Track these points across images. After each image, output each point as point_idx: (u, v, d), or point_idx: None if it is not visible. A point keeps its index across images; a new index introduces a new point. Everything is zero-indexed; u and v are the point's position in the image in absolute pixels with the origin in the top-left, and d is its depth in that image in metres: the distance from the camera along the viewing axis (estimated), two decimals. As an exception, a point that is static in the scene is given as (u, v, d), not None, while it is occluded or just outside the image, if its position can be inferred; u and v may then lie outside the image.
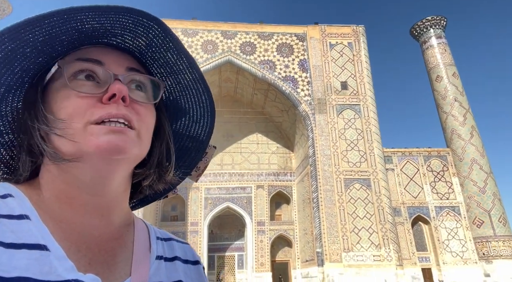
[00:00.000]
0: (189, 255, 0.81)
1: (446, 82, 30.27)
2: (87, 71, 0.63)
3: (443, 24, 32.76)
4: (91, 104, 0.61)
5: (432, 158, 28.19)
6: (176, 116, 0.80)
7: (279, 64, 27.91)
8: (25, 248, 0.53)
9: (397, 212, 25.86)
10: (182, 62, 0.71)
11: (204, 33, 28.15)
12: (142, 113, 0.66)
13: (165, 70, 0.74)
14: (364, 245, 22.93)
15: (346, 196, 24.17)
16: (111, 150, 0.60)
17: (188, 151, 0.83)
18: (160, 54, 0.70)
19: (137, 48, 0.69)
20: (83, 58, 0.64)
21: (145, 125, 0.66)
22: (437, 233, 25.82)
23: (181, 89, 0.76)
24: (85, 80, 0.63)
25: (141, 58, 0.72)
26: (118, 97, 0.61)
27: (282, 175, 30.92)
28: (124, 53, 0.69)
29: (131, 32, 0.66)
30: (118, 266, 0.66)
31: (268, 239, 28.68)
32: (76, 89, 0.61)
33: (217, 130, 31.66)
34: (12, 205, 0.58)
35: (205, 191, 29.50)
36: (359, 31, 29.66)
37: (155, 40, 0.67)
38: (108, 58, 0.66)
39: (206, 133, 0.82)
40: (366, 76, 28.01)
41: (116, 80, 0.63)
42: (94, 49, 0.66)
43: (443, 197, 26.88)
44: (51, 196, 0.64)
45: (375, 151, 25.55)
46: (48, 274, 0.53)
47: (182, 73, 0.73)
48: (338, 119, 26.49)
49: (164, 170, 0.75)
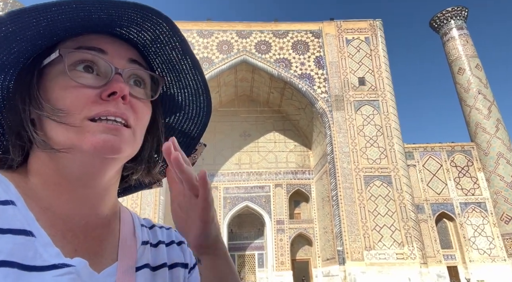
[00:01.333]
0: (173, 237, 0.82)
1: (469, 74, 29.31)
2: (88, 62, 0.62)
3: (464, 15, 31.73)
4: (90, 99, 0.60)
5: (456, 153, 27.35)
6: (171, 111, 0.80)
7: (294, 62, 27.75)
8: (10, 233, 0.53)
9: (420, 209, 25.24)
10: (186, 63, 0.71)
11: (219, 33, 28.32)
12: (139, 111, 0.65)
13: (166, 67, 0.73)
14: (387, 243, 22.50)
15: (366, 193, 23.77)
16: (106, 149, 0.59)
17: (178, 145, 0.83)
18: (164, 51, 0.69)
19: (142, 42, 0.68)
20: (85, 46, 0.63)
21: (141, 124, 0.66)
22: (463, 230, 25.03)
23: (181, 87, 0.76)
24: (84, 72, 0.62)
25: (144, 51, 0.71)
26: (119, 96, 0.61)
27: (301, 173, 30.74)
28: (127, 43, 0.68)
29: (138, 26, 0.65)
30: (105, 253, 0.66)
31: (288, 238, 28.58)
32: (76, 80, 0.60)
33: (234, 130, 31.84)
34: None
35: (223, 191, 29.70)
36: (376, 25, 29.11)
37: (161, 37, 0.67)
38: (110, 48, 0.65)
39: (198, 130, 0.82)
40: (384, 71, 27.48)
41: (117, 76, 0.62)
42: (97, 37, 0.65)
43: (468, 192, 26.04)
44: (39, 183, 0.63)
45: (395, 147, 25.02)
46: (33, 259, 0.53)
47: (184, 73, 0.73)
48: (356, 115, 26.09)
49: (153, 164, 0.76)
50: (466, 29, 31.40)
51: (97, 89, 0.60)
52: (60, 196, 0.63)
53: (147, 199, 23.39)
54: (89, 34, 0.65)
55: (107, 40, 0.65)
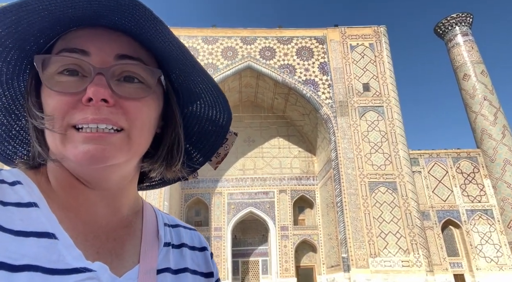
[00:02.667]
0: (196, 242, 0.80)
1: (474, 80, 29.19)
2: (71, 65, 0.59)
3: (469, 21, 31.70)
4: (72, 105, 0.57)
5: (462, 160, 27.13)
6: (191, 99, 0.75)
7: (299, 68, 27.83)
8: (34, 236, 0.53)
9: (425, 216, 25.00)
10: (175, 50, 0.63)
11: (224, 40, 28.52)
12: (132, 110, 0.60)
13: (162, 54, 0.66)
14: (392, 250, 22.26)
15: (371, 199, 23.60)
16: (87, 160, 0.56)
17: (208, 134, 0.79)
18: (152, 38, 0.62)
19: (128, 30, 0.62)
20: (67, 48, 0.59)
21: (139, 122, 0.61)
22: (469, 237, 24.72)
23: (185, 76, 0.69)
24: (68, 76, 0.58)
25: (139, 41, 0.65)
26: (96, 101, 0.56)
27: (305, 179, 30.63)
28: (120, 35, 0.62)
29: (115, 13, 0.58)
30: (126, 255, 0.65)
31: (292, 244, 28.38)
32: (52, 88, 0.57)
33: (238, 136, 31.77)
34: (21, 192, 0.57)
35: (228, 196, 29.64)
36: (381, 31, 29.17)
37: (142, 21, 0.59)
38: (94, 46, 0.60)
39: (225, 118, 0.77)
40: (389, 77, 27.45)
41: (96, 77, 0.57)
42: (82, 33, 0.61)
43: (475, 199, 25.76)
44: (56, 184, 0.63)
45: (400, 153, 24.88)
46: (57, 262, 0.53)
47: (183, 63, 0.66)
48: (360, 121, 26.03)
49: (173, 160, 0.71)
50: (471, 35, 31.34)
51: (78, 95, 0.57)
52: (77, 198, 0.63)
53: (151, 203, 23.36)
54: (77, 30, 0.61)
55: (94, 36, 0.61)
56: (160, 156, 0.70)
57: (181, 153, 0.72)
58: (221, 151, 0.82)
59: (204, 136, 0.80)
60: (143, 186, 0.83)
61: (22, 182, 0.59)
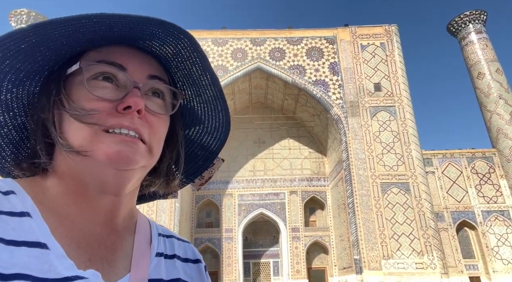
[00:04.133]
0: (190, 254, 0.80)
1: (489, 79, 28.60)
2: (108, 74, 0.64)
3: (483, 19, 31.10)
4: (106, 110, 0.61)
5: (477, 160, 26.58)
6: (191, 124, 0.80)
7: (309, 68, 27.71)
8: (25, 246, 0.53)
9: (439, 217, 24.56)
10: (205, 79, 0.71)
11: (234, 41, 28.61)
12: (155, 125, 0.65)
13: (187, 81, 0.74)
14: (405, 252, 21.93)
15: (383, 200, 23.31)
16: (120, 160, 0.59)
17: (196, 158, 0.83)
18: (185, 66, 0.70)
19: (163, 55, 0.69)
20: (107, 60, 0.64)
21: (157, 138, 0.66)
22: (485, 239, 24.17)
23: (200, 102, 0.76)
24: (104, 82, 0.63)
25: (166, 64, 0.72)
26: (134, 110, 0.61)
27: (316, 180, 30.44)
28: (148, 57, 0.69)
29: (160, 40, 0.66)
30: (118, 262, 0.65)
31: (303, 246, 28.22)
32: (93, 93, 0.61)
33: (248, 137, 31.91)
34: (14, 202, 0.58)
35: (238, 197, 29.67)
36: (392, 30, 28.84)
37: (183, 51, 0.67)
38: (131, 63, 0.66)
39: (217, 145, 0.82)
40: (400, 77, 27.11)
41: (134, 90, 0.62)
42: (118, 50, 0.66)
43: (491, 200, 25.19)
44: (59, 191, 0.64)
45: (413, 154, 24.51)
46: (48, 272, 0.53)
47: (204, 88, 0.73)
48: (372, 122, 25.75)
49: (171, 177, 0.75)
50: (485, 33, 30.74)
51: (114, 102, 0.61)
52: (79, 205, 0.64)
53: (162, 206, 23.61)
54: (111, 46, 0.66)
55: (128, 54, 0.66)
56: (161, 172, 0.74)
57: (180, 170, 0.76)
58: (205, 174, 0.86)
59: (191, 160, 0.83)
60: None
61: (15, 192, 0.60)
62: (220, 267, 27.65)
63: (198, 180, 0.86)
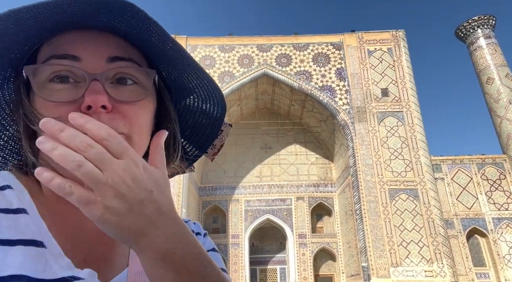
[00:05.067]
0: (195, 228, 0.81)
1: (499, 84, 28.28)
2: (63, 72, 0.58)
3: (491, 24, 30.86)
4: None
5: (487, 166, 26.17)
6: (183, 94, 0.75)
7: (315, 74, 27.70)
8: (21, 244, 0.52)
9: (449, 224, 24.16)
10: (169, 48, 0.62)
11: (240, 48, 28.78)
12: (130, 114, 0.60)
13: (156, 54, 0.65)
14: (414, 260, 21.58)
15: (391, 207, 23.02)
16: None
17: (203, 126, 0.80)
18: (144, 36, 0.60)
19: (117, 31, 0.61)
20: (57, 54, 0.58)
21: (137, 126, 0.61)
22: (497, 246, 23.68)
23: (178, 72, 0.69)
24: (60, 84, 0.57)
25: (132, 40, 0.63)
26: (96, 109, 0.55)
27: (323, 186, 30.24)
28: (107, 36, 0.61)
29: (103, 14, 0.57)
30: (115, 258, 0.65)
31: (310, 252, 27.96)
32: (49, 99, 0.56)
33: (255, 143, 31.90)
34: (10, 197, 0.56)
35: (245, 203, 29.58)
36: (399, 36, 28.74)
37: (133, 21, 0.58)
38: (85, 50, 0.59)
39: (219, 110, 0.77)
40: (408, 82, 26.93)
41: (92, 83, 0.56)
42: (70, 37, 0.60)
43: (502, 207, 24.73)
44: (48, 189, 0.61)
45: (421, 159, 24.23)
46: (43, 272, 0.52)
47: (176, 61, 0.65)
48: (379, 127, 25.56)
49: (171, 157, 0.71)
50: (494, 38, 30.48)
51: (75, 103, 0.56)
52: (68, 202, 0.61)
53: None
54: (64, 34, 0.60)
55: (82, 39, 0.60)
56: None
57: (178, 149, 0.72)
58: (216, 143, 0.82)
59: (198, 130, 0.80)
60: None
61: (12, 186, 0.58)
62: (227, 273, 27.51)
63: (211, 150, 0.84)
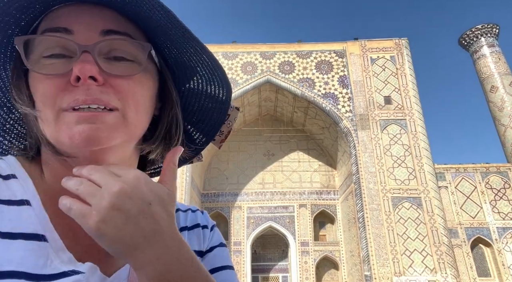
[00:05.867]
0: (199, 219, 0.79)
1: (503, 92, 28.17)
2: (56, 48, 0.56)
3: (495, 32, 30.86)
4: (61, 87, 0.54)
5: (491, 174, 25.92)
6: (186, 74, 0.71)
7: (318, 81, 27.78)
8: (22, 238, 0.51)
9: (453, 233, 23.88)
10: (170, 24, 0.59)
11: (244, 55, 28.97)
12: (124, 89, 0.57)
13: (156, 29, 0.62)
14: (418, 269, 21.31)
15: (394, 215, 22.83)
16: (84, 141, 0.53)
17: (209, 111, 0.76)
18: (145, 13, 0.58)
19: (112, 3, 0.58)
20: (50, 27, 0.56)
21: (132, 102, 0.58)
22: (501, 257, 23.33)
23: (177, 48, 0.65)
24: (53, 59, 0.55)
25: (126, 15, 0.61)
26: (84, 80, 0.53)
27: (325, 193, 30.09)
28: (102, 9, 0.58)
29: None
30: None
31: (313, 260, 27.71)
32: (40, 71, 0.54)
33: (258, 149, 31.88)
34: (14, 188, 0.55)
35: (247, 210, 29.47)
36: (402, 44, 28.81)
37: None
38: (78, 22, 0.57)
39: (225, 93, 0.73)
40: (411, 90, 26.91)
41: (84, 55, 0.54)
42: (65, 11, 0.58)
43: (506, 217, 24.41)
44: (50, 176, 0.60)
45: (425, 168, 24.08)
46: (43, 267, 0.51)
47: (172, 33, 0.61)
48: (382, 135, 25.49)
49: (172, 141, 0.68)
50: (497, 47, 30.45)
51: (66, 76, 0.54)
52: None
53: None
54: (60, 8, 0.58)
55: (76, 12, 0.58)
56: (158, 136, 0.67)
57: (179, 133, 0.69)
58: (224, 129, 0.79)
59: (205, 115, 0.77)
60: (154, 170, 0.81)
61: (16, 176, 0.57)
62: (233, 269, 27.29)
63: (218, 137, 0.80)
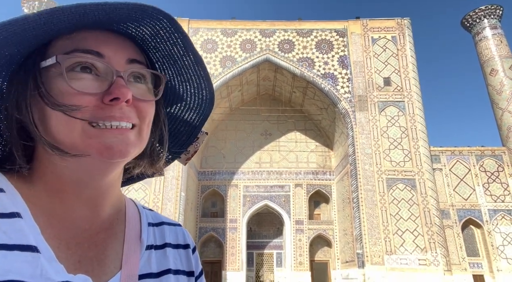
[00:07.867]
0: (180, 239, 0.80)
1: (502, 76, 28.00)
2: (86, 63, 0.60)
3: (498, 14, 30.31)
4: (92, 103, 0.58)
5: (486, 158, 26.21)
6: (172, 101, 0.79)
7: (318, 61, 27.44)
8: (17, 250, 0.52)
9: (445, 214, 24.39)
10: (188, 59, 0.70)
11: (243, 32, 28.41)
12: (143, 109, 0.64)
13: (167, 61, 0.72)
14: (409, 248, 21.90)
15: (388, 196, 23.22)
16: (112, 154, 0.58)
17: (180, 134, 0.83)
18: (165, 47, 0.68)
19: (140, 37, 0.67)
20: (81, 49, 0.61)
21: (146, 122, 0.65)
22: (491, 238, 23.98)
23: (182, 80, 0.75)
24: (82, 73, 0.60)
25: (144, 45, 0.69)
26: (122, 101, 0.59)
27: (321, 173, 30.41)
28: (124, 40, 0.66)
29: (137, 22, 0.63)
30: (108, 260, 0.65)
31: (307, 238, 28.36)
32: (74, 87, 0.58)
33: (255, 129, 31.89)
34: (4, 201, 0.56)
35: (243, 189, 29.82)
36: (404, 24, 28.31)
37: (162, 32, 0.65)
38: (107, 49, 0.62)
39: (200, 120, 0.81)
40: (411, 72, 26.70)
41: (118, 79, 0.60)
42: (91, 35, 0.62)
43: (498, 199, 24.89)
44: (43, 189, 0.62)
45: (420, 150, 24.28)
46: (40, 277, 0.52)
47: (186, 68, 0.72)
48: (380, 116, 25.50)
49: (156, 157, 0.74)
50: (500, 29, 30.00)
51: (98, 95, 0.59)
52: (64, 202, 0.63)
53: (168, 195, 23.86)
54: (82, 31, 0.62)
55: (103, 39, 0.63)
56: (146, 153, 0.72)
57: (164, 150, 0.75)
58: (191, 149, 0.85)
59: (175, 136, 0.83)
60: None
61: (4, 189, 0.58)
62: (224, 256, 27.98)
63: (184, 155, 0.86)
